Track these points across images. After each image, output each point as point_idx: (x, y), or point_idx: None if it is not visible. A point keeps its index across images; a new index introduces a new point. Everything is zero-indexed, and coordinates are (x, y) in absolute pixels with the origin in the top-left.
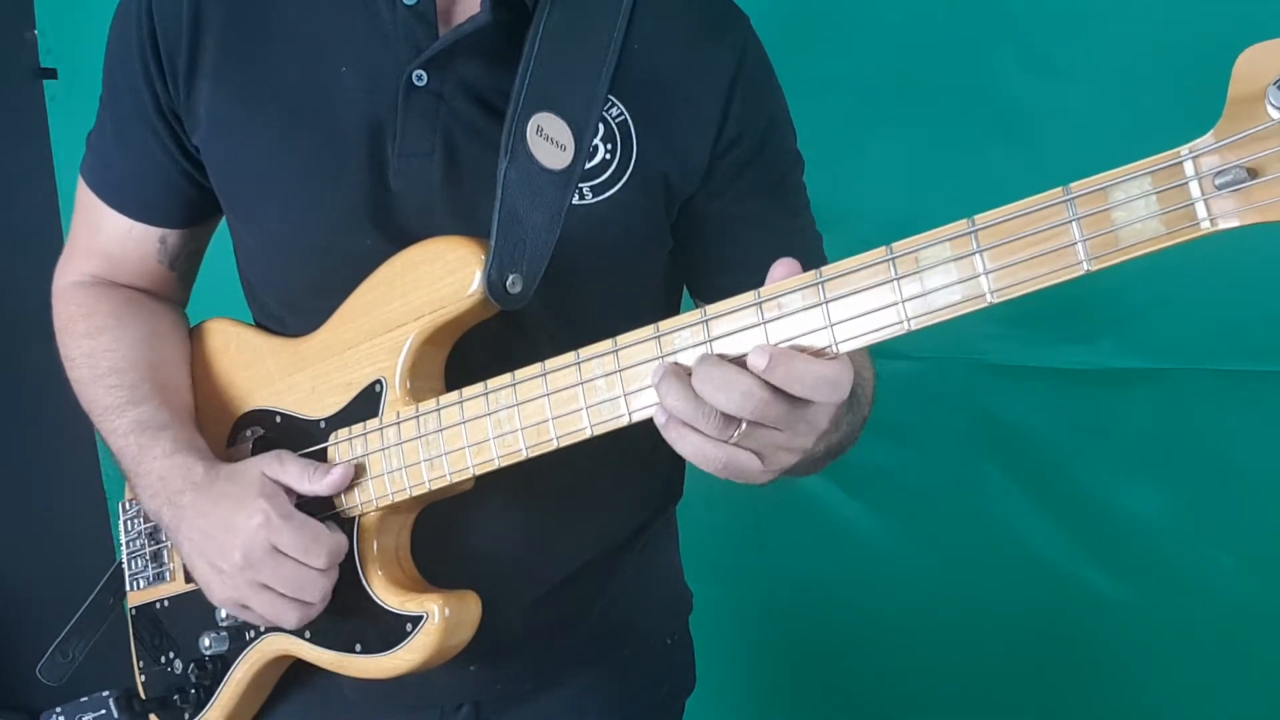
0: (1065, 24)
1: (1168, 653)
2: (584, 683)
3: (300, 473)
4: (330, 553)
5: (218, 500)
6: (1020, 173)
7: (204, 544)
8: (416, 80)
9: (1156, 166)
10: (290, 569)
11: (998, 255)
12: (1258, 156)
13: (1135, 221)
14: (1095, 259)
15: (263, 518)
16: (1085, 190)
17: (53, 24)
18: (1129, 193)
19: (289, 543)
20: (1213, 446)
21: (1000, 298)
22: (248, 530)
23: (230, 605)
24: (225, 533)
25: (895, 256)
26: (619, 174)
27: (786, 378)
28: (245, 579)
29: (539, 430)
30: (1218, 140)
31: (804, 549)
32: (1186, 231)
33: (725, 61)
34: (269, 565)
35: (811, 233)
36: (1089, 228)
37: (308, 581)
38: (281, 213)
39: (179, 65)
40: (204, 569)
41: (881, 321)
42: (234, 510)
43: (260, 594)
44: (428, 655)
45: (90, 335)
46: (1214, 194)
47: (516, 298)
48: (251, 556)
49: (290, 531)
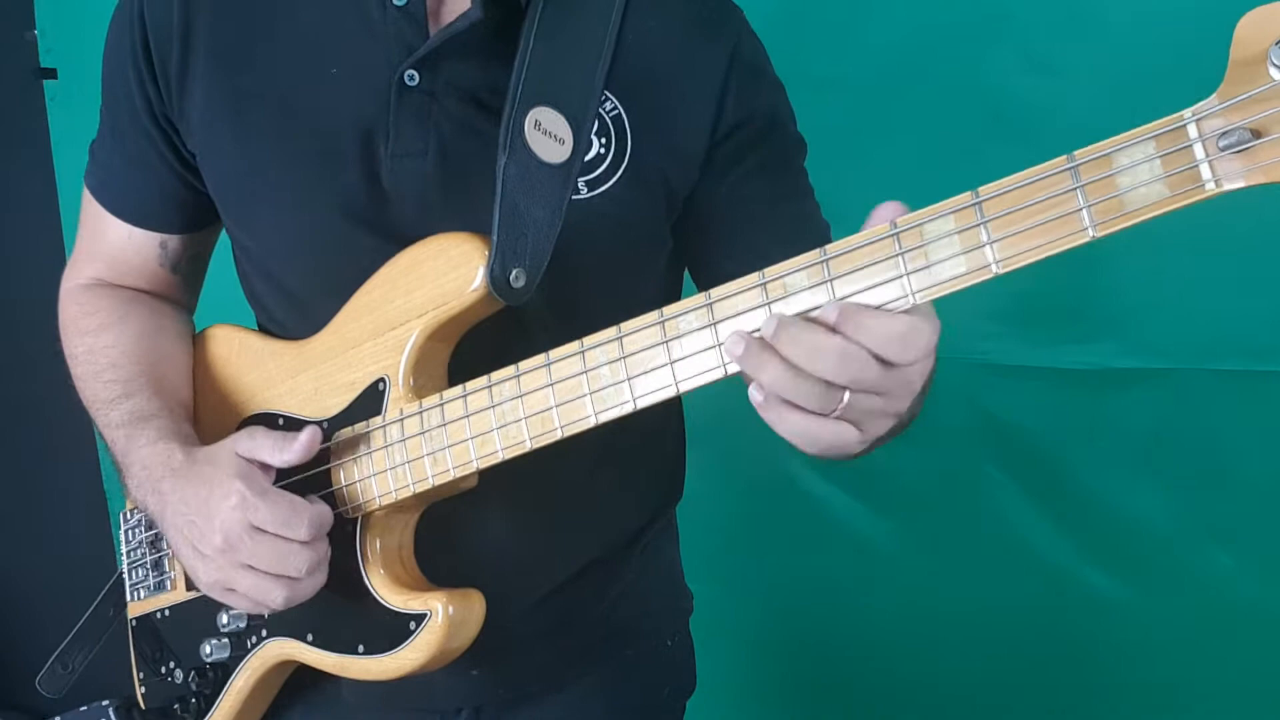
0: (1065, 24)
1: (1167, 652)
2: (585, 684)
3: (273, 446)
4: (311, 523)
5: (195, 484)
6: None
7: (187, 529)
8: (408, 80)
9: (1160, 130)
10: (271, 545)
11: (1002, 225)
12: (1261, 117)
13: (1140, 185)
14: (1100, 224)
15: (238, 498)
16: (1089, 157)
17: (53, 24)
18: (1133, 157)
19: (267, 518)
20: (1213, 446)
21: (1005, 268)
22: (224, 511)
23: (216, 589)
24: (204, 516)
25: (899, 231)
26: (614, 168)
27: (857, 331)
28: (227, 560)
29: (543, 419)
30: (1221, 102)
31: (804, 549)
32: (1192, 194)
33: (719, 52)
34: (249, 544)
35: (819, 218)
36: (1093, 194)
37: (290, 555)
38: (276, 215)
39: (171, 70)
40: (188, 554)
41: (886, 296)
42: (210, 492)
43: (244, 575)
44: (431, 654)
45: (92, 332)
46: (1218, 155)
47: (520, 292)
48: (231, 537)
49: (267, 507)
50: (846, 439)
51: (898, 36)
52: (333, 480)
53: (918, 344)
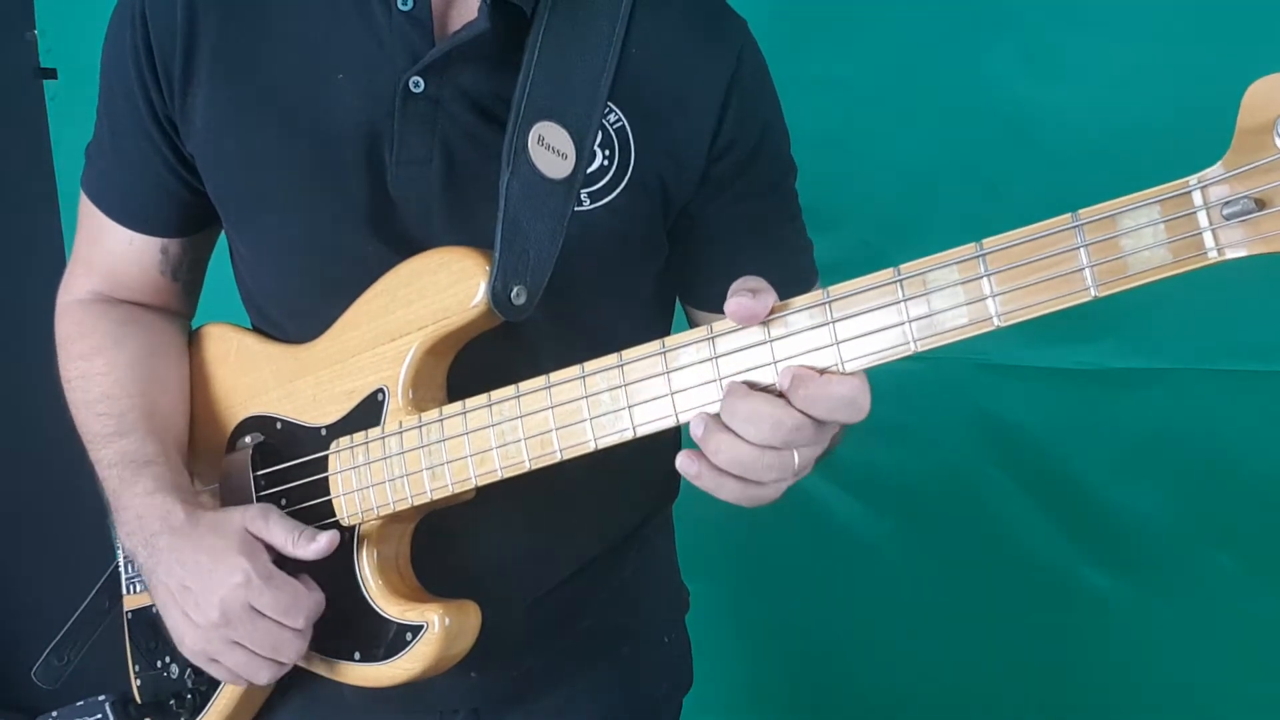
0: (1065, 24)
1: (1167, 652)
2: (582, 681)
3: (285, 535)
4: (309, 614)
5: (196, 551)
6: (1020, 173)
7: (180, 594)
8: (414, 87)
9: (1165, 195)
10: (267, 629)
11: (1005, 280)
12: (1266, 188)
13: (1143, 249)
14: (1102, 285)
15: (243, 577)
16: (1094, 217)
17: (53, 24)
18: (1137, 220)
19: (269, 604)
20: (1213, 446)
21: (1007, 321)
22: (226, 587)
23: (200, 659)
24: (203, 587)
25: (903, 278)
26: (616, 180)
27: (807, 399)
28: (220, 635)
29: (542, 441)
30: (1226, 171)
31: (802, 548)
32: (1194, 260)
33: (722, 67)
34: (246, 624)
35: (802, 240)
36: (1097, 254)
37: (284, 642)
38: (279, 220)
39: (174, 72)
40: (178, 619)
41: (888, 342)
42: (213, 564)
43: (234, 651)
44: (427, 665)
45: (85, 357)
46: (1222, 224)
47: (520, 309)
48: (230, 614)
49: (271, 593)
50: (772, 493)
51: (898, 36)
52: (330, 489)
53: (864, 406)
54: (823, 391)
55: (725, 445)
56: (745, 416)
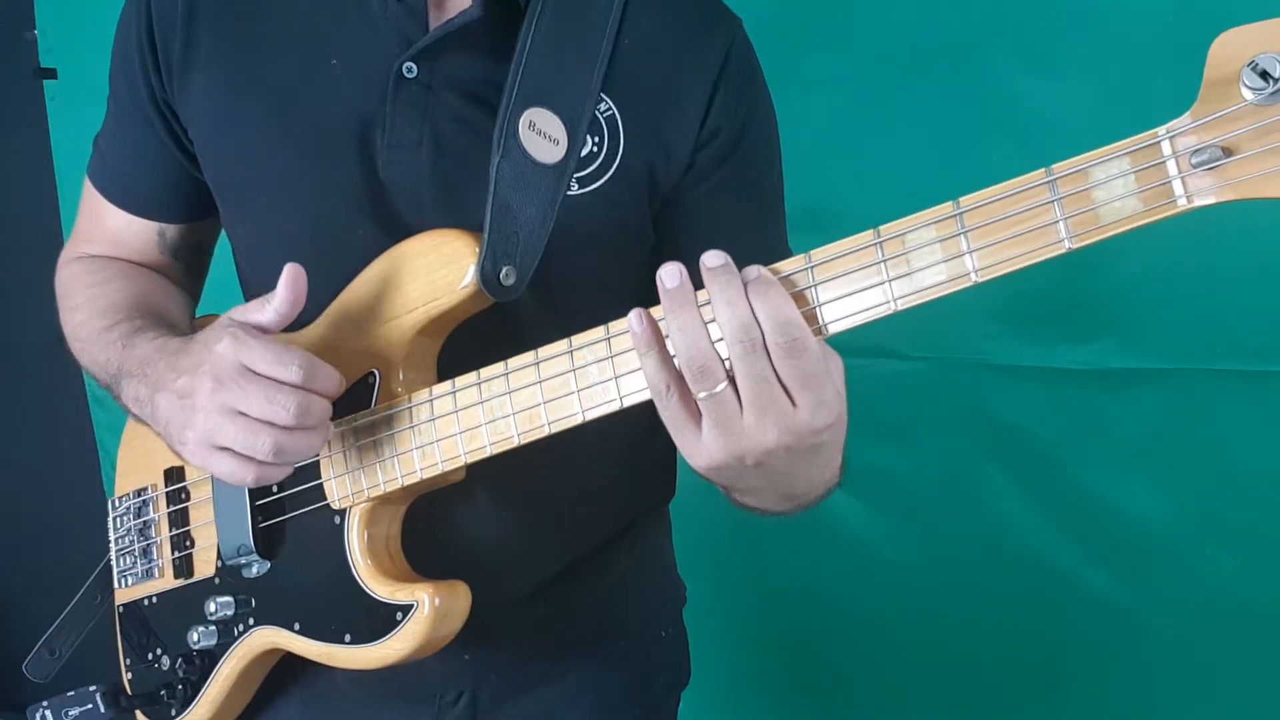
0: (1065, 23)
1: (1167, 652)
2: (579, 675)
3: (258, 304)
4: (303, 364)
5: (189, 351)
6: (1019, 173)
7: (176, 386)
8: (406, 72)
9: (1134, 147)
10: (261, 387)
11: (981, 235)
12: (1232, 135)
13: (1114, 200)
14: (1076, 236)
15: (230, 337)
16: (1066, 171)
17: (53, 24)
18: (1108, 172)
19: (257, 356)
20: (1213, 446)
21: (984, 276)
22: (215, 353)
23: (204, 450)
24: (195, 368)
25: (883, 239)
26: (605, 167)
27: (759, 291)
28: (216, 404)
29: (530, 415)
30: (1194, 120)
31: (800, 547)
32: (1164, 209)
33: (713, 57)
34: (239, 384)
35: (781, 242)
36: (1070, 206)
37: (280, 398)
38: (272, 204)
39: (174, 57)
40: (174, 413)
41: (869, 301)
42: (203, 348)
43: (232, 421)
44: (417, 644)
45: (95, 285)
46: (1190, 172)
47: (510, 290)
48: (221, 376)
49: (260, 346)
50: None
51: (897, 36)
52: (322, 472)
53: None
54: (777, 294)
55: (688, 321)
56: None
